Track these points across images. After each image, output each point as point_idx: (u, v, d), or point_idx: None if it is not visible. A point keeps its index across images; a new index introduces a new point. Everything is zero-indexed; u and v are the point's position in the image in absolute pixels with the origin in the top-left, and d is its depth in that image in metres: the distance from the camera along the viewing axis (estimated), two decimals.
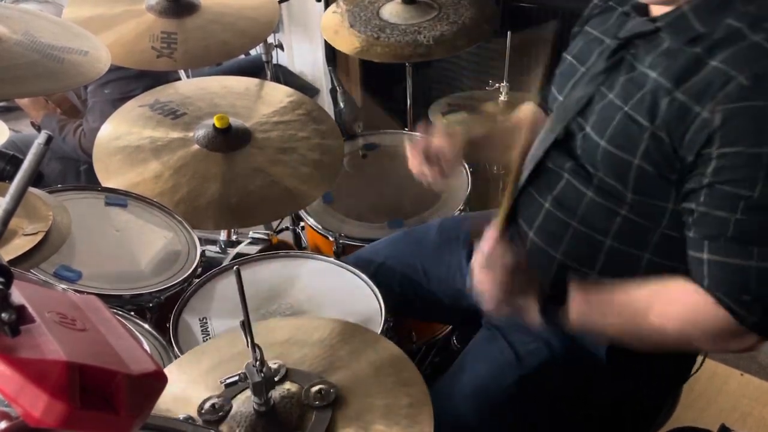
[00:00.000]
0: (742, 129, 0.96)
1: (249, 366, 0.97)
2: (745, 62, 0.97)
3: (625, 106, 1.09)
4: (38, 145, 0.70)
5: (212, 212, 1.69)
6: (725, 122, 0.97)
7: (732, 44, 1.00)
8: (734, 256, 1.00)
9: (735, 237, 0.99)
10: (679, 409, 1.45)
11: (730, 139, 0.97)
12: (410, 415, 0.95)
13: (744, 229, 0.99)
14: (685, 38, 1.05)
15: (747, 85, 0.96)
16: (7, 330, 0.54)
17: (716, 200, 1.01)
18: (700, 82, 1.00)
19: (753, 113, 0.96)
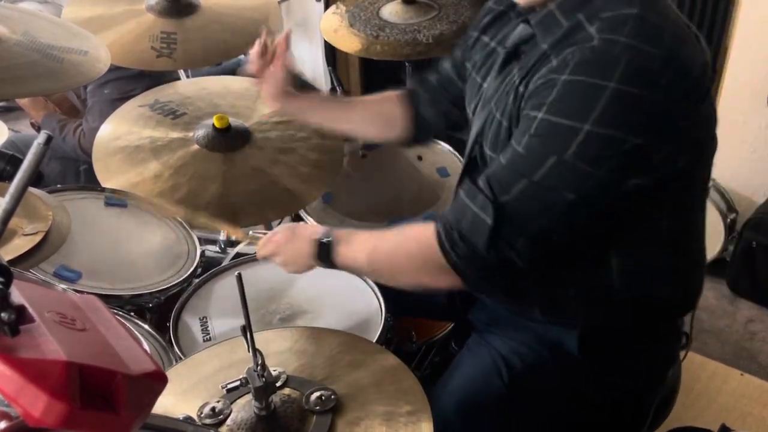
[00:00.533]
0: (534, 96, 1.01)
1: (250, 371, 0.97)
2: (564, 47, 1.00)
3: (497, 115, 1.13)
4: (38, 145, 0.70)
5: (212, 212, 1.69)
6: (530, 93, 1.02)
7: (568, 36, 1.02)
8: (467, 194, 1.06)
9: (487, 175, 1.05)
10: (680, 409, 1.45)
11: (527, 106, 1.02)
12: (410, 422, 0.95)
13: (496, 173, 1.04)
14: (553, 36, 1.05)
15: (554, 65, 1.00)
16: (6, 330, 0.54)
17: (500, 148, 1.07)
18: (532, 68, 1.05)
19: (545, 83, 1.00)
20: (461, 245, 1.05)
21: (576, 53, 0.97)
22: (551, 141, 0.98)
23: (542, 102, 0.99)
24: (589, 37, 0.99)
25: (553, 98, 0.98)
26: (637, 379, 1.27)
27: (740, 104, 2.30)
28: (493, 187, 1.03)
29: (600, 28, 0.99)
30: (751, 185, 2.46)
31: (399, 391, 1.01)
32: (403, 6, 2.18)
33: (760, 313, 2.44)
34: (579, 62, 0.97)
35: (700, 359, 1.97)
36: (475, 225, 1.04)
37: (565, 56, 0.99)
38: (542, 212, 1.01)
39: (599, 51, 0.96)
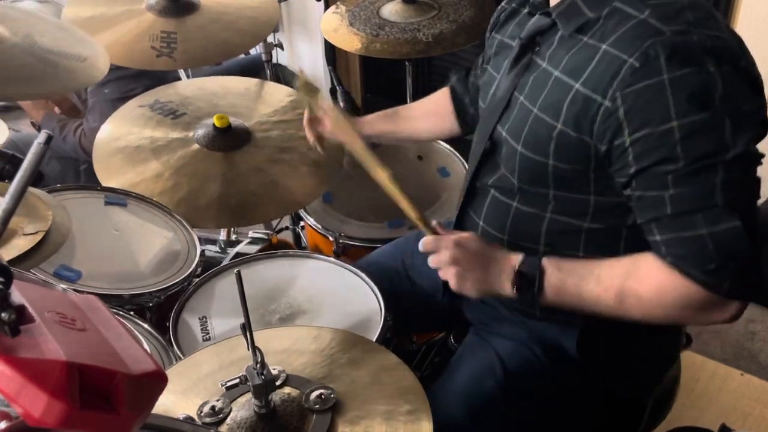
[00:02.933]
0: (645, 110, 0.97)
1: (249, 369, 0.96)
2: (632, 43, 0.98)
3: (534, 108, 1.11)
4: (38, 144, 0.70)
5: (212, 212, 1.69)
6: (627, 108, 0.98)
7: (619, 26, 1.01)
8: (684, 230, 1.00)
9: (676, 212, 1.00)
10: (680, 408, 1.45)
11: (637, 124, 0.98)
12: (410, 421, 0.95)
13: (682, 201, 0.99)
14: (575, 25, 1.06)
15: (638, 66, 0.97)
16: (6, 330, 0.54)
17: (646, 183, 1.01)
18: (595, 70, 1.02)
19: (650, 92, 0.96)
20: (726, 269, 0.99)
21: (657, 49, 0.96)
22: (708, 139, 0.96)
23: (664, 110, 0.96)
24: (653, 28, 0.98)
25: (674, 101, 0.95)
26: (635, 380, 1.28)
27: None
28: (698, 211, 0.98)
29: (657, 16, 0.99)
30: None
31: (399, 390, 1.01)
32: (403, 5, 2.18)
33: (760, 313, 2.44)
34: (669, 57, 0.95)
35: (701, 359, 1.97)
36: (723, 241, 0.98)
37: (645, 54, 0.96)
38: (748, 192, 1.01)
39: (680, 41, 0.96)
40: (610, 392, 1.27)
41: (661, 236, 1.02)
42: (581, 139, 1.05)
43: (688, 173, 0.97)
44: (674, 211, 0.99)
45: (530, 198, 1.17)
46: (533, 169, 1.12)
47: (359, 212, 1.93)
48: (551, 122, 1.07)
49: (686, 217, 0.99)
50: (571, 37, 1.07)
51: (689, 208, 0.98)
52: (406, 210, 1.21)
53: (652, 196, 1.01)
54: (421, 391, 1.00)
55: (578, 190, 1.11)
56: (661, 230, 1.02)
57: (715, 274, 0.99)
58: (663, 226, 1.01)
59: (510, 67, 1.19)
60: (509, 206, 1.20)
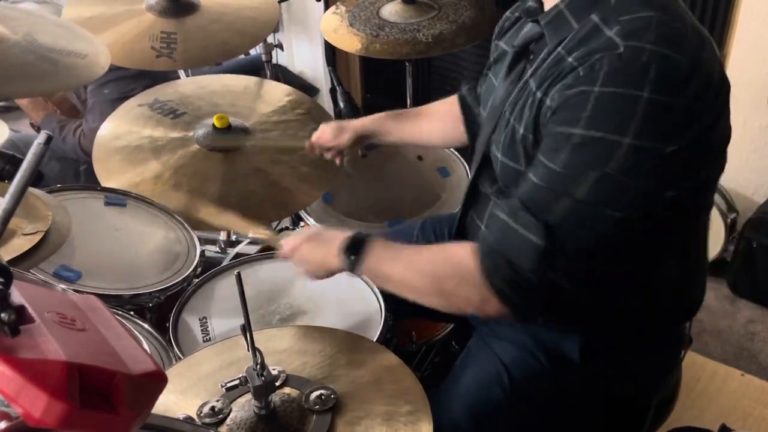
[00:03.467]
0: (564, 112, 0.98)
1: (249, 370, 0.96)
2: (588, 54, 0.98)
3: (511, 119, 1.11)
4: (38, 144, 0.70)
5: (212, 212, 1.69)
6: (556, 107, 1.00)
7: (586, 39, 1.01)
8: (510, 215, 1.02)
9: (524, 198, 1.02)
10: (680, 409, 1.45)
11: (555, 120, 1.00)
12: (410, 422, 0.95)
13: (533, 194, 1.01)
14: (561, 37, 1.05)
15: (581, 75, 0.97)
16: (6, 330, 0.54)
17: (532, 167, 1.03)
18: (552, 76, 1.03)
19: (577, 98, 0.97)
20: (506, 269, 1.01)
21: (604, 62, 0.95)
22: (592, 156, 0.96)
23: (577, 117, 0.96)
24: (612, 43, 0.97)
25: (590, 113, 0.95)
26: (637, 385, 1.27)
27: (740, 104, 2.29)
28: (530, 208, 1.00)
29: (621, 32, 0.97)
30: (751, 185, 2.46)
31: (399, 391, 1.01)
32: (403, 5, 2.18)
33: (760, 314, 2.44)
34: (609, 72, 0.95)
35: (701, 360, 1.97)
36: (521, 246, 1.00)
37: (592, 64, 0.96)
38: (589, 230, 0.98)
39: (627, 59, 0.95)
40: (612, 396, 1.26)
41: (498, 210, 1.06)
42: (536, 140, 1.06)
43: (551, 176, 0.99)
44: (521, 197, 1.02)
45: None
46: (512, 177, 1.12)
47: (359, 212, 1.93)
48: (518, 127, 1.09)
49: (521, 210, 1.01)
50: (554, 50, 1.06)
51: (526, 202, 1.01)
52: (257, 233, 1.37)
53: (527, 178, 1.04)
54: (421, 391, 1.00)
55: None
56: (501, 205, 1.06)
57: (495, 264, 1.02)
58: (506, 202, 1.05)
59: (505, 75, 1.19)
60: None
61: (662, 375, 1.30)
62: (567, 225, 0.98)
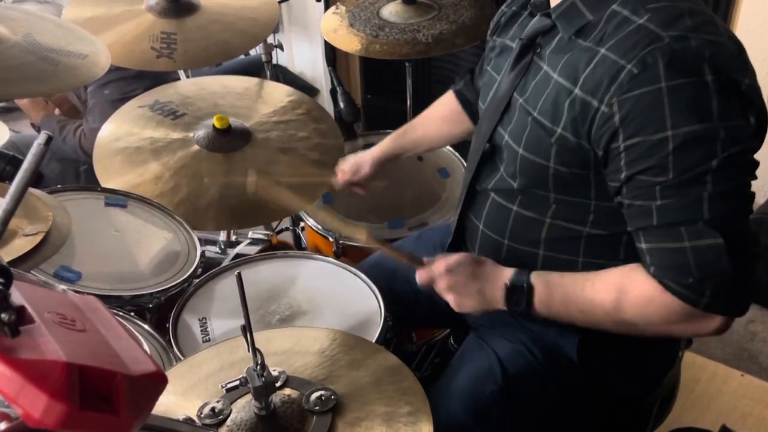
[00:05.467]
0: (641, 118, 0.97)
1: (250, 370, 0.96)
2: (631, 48, 0.98)
3: (534, 112, 1.10)
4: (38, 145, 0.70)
5: (212, 213, 1.69)
6: (624, 114, 0.98)
7: (618, 31, 1.00)
8: (667, 241, 1.00)
9: (661, 223, 1.00)
10: (680, 409, 1.45)
11: (632, 131, 0.98)
12: (410, 423, 0.95)
13: (667, 213, 0.99)
14: (575, 27, 1.06)
15: (636, 73, 0.96)
16: (7, 330, 0.54)
17: (635, 191, 1.01)
18: (593, 75, 1.01)
19: (648, 100, 0.96)
20: (706, 285, 0.99)
21: (656, 56, 0.95)
22: (699, 152, 0.95)
23: (659, 119, 0.95)
24: (653, 34, 0.97)
25: (670, 111, 0.95)
26: (635, 383, 1.27)
27: None
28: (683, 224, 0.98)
29: (656, 21, 0.98)
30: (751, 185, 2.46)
31: (399, 392, 1.01)
32: (403, 6, 2.18)
33: (760, 314, 2.44)
34: (667, 65, 0.94)
35: (701, 360, 1.97)
36: (705, 257, 0.98)
37: (643, 60, 0.95)
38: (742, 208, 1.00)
39: (678, 49, 0.95)
40: (610, 394, 1.27)
41: (646, 245, 1.03)
42: (580, 143, 1.05)
43: (676, 185, 0.97)
44: (660, 222, 1.00)
45: (531, 202, 1.16)
46: (535, 172, 1.12)
47: (359, 212, 1.93)
48: (550, 126, 1.07)
49: (671, 228, 0.99)
50: (570, 40, 1.07)
51: (674, 220, 0.99)
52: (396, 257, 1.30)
53: (640, 205, 1.01)
54: (421, 392, 1.00)
55: (579, 194, 1.11)
56: (647, 239, 1.03)
57: (693, 287, 1.00)
58: (649, 235, 1.02)
59: (511, 68, 1.18)
60: (509, 210, 1.20)
61: (660, 374, 1.30)
62: (722, 214, 0.97)
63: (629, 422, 1.33)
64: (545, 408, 1.25)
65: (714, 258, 0.97)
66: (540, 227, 1.16)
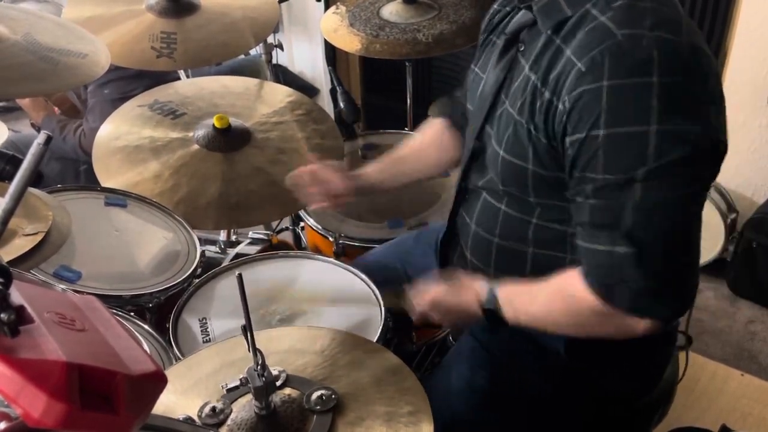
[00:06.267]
0: (580, 114, 0.97)
1: (250, 370, 0.96)
2: (586, 47, 0.98)
3: (514, 113, 1.10)
4: (38, 145, 0.70)
5: (212, 212, 1.69)
6: (569, 110, 0.98)
7: (581, 29, 1.00)
8: (593, 242, 1.02)
9: (593, 222, 1.01)
10: (680, 409, 1.45)
11: (572, 127, 0.99)
12: (411, 423, 0.95)
13: (595, 213, 1.01)
14: (553, 21, 1.05)
15: (583, 71, 0.97)
16: (6, 330, 0.54)
17: (576, 187, 1.03)
18: (557, 74, 1.02)
19: (588, 97, 0.96)
20: (621, 288, 1.01)
21: (604, 54, 0.95)
22: (629, 153, 0.95)
23: (595, 117, 0.96)
24: (608, 32, 0.96)
25: (606, 108, 0.94)
26: (627, 381, 1.27)
27: (740, 104, 2.30)
28: (604, 228, 1.00)
29: (615, 19, 0.97)
30: (751, 185, 2.46)
31: (400, 391, 1.01)
32: (403, 6, 2.18)
33: (760, 314, 2.44)
34: (612, 64, 0.94)
35: (701, 360, 1.97)
36: (616, 263, 0.99)
37: (593, 58, 0.96)
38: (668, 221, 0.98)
39: (628, 48, 0.95)
40: (600, 391, 1.26)
41: (580, 242, 1.05)
42: (549, 143, 1.05)
43: (605, 186, 0.98)
44: (589, 221, 1.02)
45: (516, 202, 1.17)
46: (515, 174, 1.12)
47: (359, 212, 1.93)
48: (527, 126, 1.07)
49: (596, 230, 1.01)
50: (548, 37, 1.06)
51: (600, 221, 1.01)
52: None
53: (579, 202, 1.03)
54: (421, 392, 1.00)
55: (559, 197, 1.10)
56: (581, 237, 1.05)
57: (611, 290, 1.02)
58: (584, 233, 1.04)
59: (495, 63, 1.18)
60: (498, 209, 1.20)
61: (653, 374, 1.30)
62: (644, 225, 0.97)
63: (627, 422, 1.33)
64: (537, 404, 1.25)
65: (626, 266, 0.99)
66: (527, 227, 1.17)
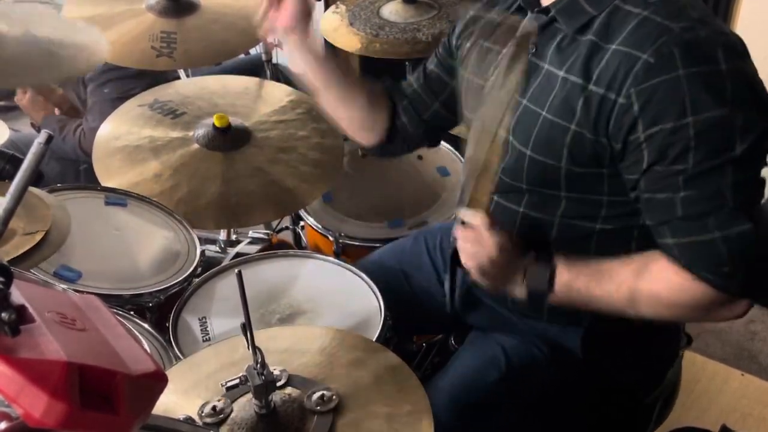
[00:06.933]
0: (660, 107, 0.97)
1: (250, 369, 0.96)
2: (643, 40, 0.98)
3: (542, 111, 1.09)
4: (38, 144, 0.70)
5: (212, 212, 1.69)
6: (642, 104, 0.98)
7: (624, 25, 1.01)
8: (695, 234, 1.00)
9: (687, 215, 1.00)
10: (680, 409, 1.45)
11: (651, 120, 0.98)
12: (411, 423, 0.95)
13: (693, 204, 0.99)
14: (579, 23, 1.05)
15: (653, 63, 0.97)
16: (7, 330, 0.54)
17: (656, 183, 1.01)
18: (606, 69, 1.01)
19: (665, 88, 0.96)
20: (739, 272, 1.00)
21: (671, 45, 0.96)
22: (718, 138, 0.96)
23: (680, 107, 0.96)
24: (661, 24, 0.98)
25: (690, 97, 0.95)
26: (636, 379, 1.28)
27: None
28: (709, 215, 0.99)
29: (661, 13, 0.99)
30: None
31: (400, 391, 1.00)
32: (403, 5, 2.18)
33: (760, 314, 2.44)
34: (683, 54, 0.95)
35: (701, 359, 1.96)
36: (734, 245, 0.98)
37: (659, 50, 0.96)
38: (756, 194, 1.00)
39: (690, 39, 0.96)
40: (611, 389, 1.27)
41: (673, 239, 1.02)
42: (597, 140, 1.04)
43: (699, 173, 0.97)
44: (685, 214, 0.99)
45: (539, 202, 1.15)
46: (545, 173, 1.11)
47: (359, 212, 1.93)
48: (565, 125, 1.06)
49: (698, 220, 0.99)
50: (573, 36, 1.06)
51: (700, 210, 0.99)
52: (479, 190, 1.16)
53: (662, 199, 1.01)
54: (422, 391, 1.00)
55: (591, 190, 1.10)
56: (673, 233, 1.02)
57: (728, 276, 1.00)
58: (674, 228, 1.01)
59: (506, 68, 1.16)
60: (516, 212, 1.18)
61: (662, 369, 1.31)
62: (746, 199, 0.98)
63: (631, 421, 1.33)
64: (546, 399, 1.26)
65: (745, 244, 0.98)
66: (549, 227, 1.16)
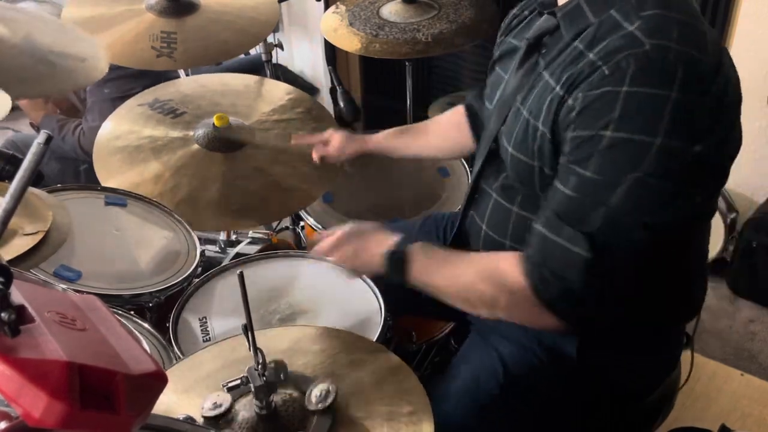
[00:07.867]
0: (592, 114, 0.98)
1: (251, 369, 0.96)
2: (612, 52, 0.98)
3: (523, 110, 1.11)
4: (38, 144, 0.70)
5: (212, 212, 1.69)
6: (581, 108, 0.99)
7: (607, 36, 1.01)
8: (555, 232, 1.02)
9: (561, 213, 1.01)
10: (680, 409, 1.45)
11: (581, 124, 0.99)
12: (411, 423, 0.95)
13: (570, 206, 1.01)
14: (577, 29, 1.06)
15: (606, 74, 0.97)
16: (7, 330, 0.54)
17: (560, 174, 1.03)
18: (573, 74, 1.02)
19: (605, 100, 0.96)
20: (555, 283, 1.02)
21: (630, 61, 0.95)
22: (623, 159, 0.96)
23: (605, 118, 0.96)
24: (636, 40, 0.97)
25: (619, 113, 0.95)
26: (635, 382, 1.27)
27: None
28: (568, 220, 1.00)
29: (644, 29, 0.97)
30: (751, 185, 2.46)
31: (400, 391, 1.01)
32: (403, 5, 2.18)
33: (760, 314, 2.44)
34: (636, 72, 0.94)
35: (701, 360, 1.96)
36: (567, 259, 1.00)
37: (618, 63, 0.96)
38: (627, 237, 0.99)
39: (654, 59, 0.95)
40: (609, 394, 1.27)
41: (539, 226, 1.05)
42: (553, 139, 1.06)
43: (589, 183, 0.98)
44: (559, 210, 1.02)
45: (529, 203, 1.17)
46: (523, 172, 1.13)
47: (359, 212, 1.93)
48: (534, 123, 1.08)
49: (561, 222, 1.01)
50: (570, 42, 1.07)
51: (568, 215, 1.01)
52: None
53: (556, 188, 1.04)
54: (422, 391, 1.00)
55: None
56: (543, 221, 1.05)
57: (544, 280, 1.03)
58: (545, 218, 1.05)
59: (517, 68, 1.18)
60: (510, 211, 1.20)
61: (660, 376, 1.30)
62: (607, 233, 0.98)
63: (630, 422, 1.33)
64: (545, 406, 1.26)
65: (573, 267, 1.00)
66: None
